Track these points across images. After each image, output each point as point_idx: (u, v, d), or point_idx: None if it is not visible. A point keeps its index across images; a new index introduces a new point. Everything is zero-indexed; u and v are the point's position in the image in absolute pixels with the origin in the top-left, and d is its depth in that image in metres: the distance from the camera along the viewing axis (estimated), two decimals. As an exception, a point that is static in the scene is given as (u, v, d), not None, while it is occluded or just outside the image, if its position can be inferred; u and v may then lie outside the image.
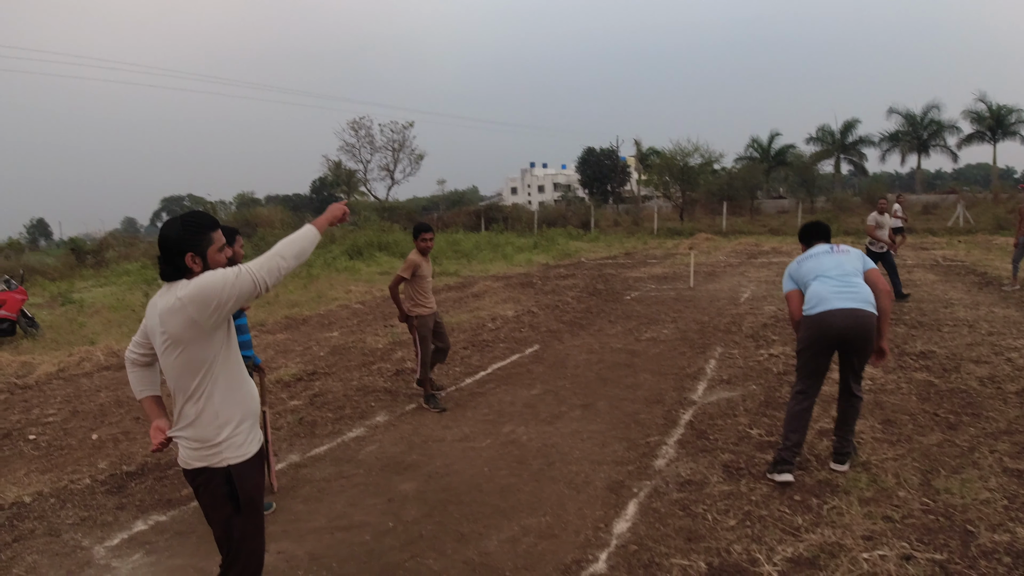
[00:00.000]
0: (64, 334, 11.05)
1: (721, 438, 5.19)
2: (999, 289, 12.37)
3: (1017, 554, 3.38)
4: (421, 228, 6.46)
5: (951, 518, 3.79)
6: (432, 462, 5.04)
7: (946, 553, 3.43)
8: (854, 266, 4.43)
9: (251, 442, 2.65)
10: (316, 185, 76.70)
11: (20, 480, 5.09)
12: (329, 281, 16.68)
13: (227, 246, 2.64)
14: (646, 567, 3.41)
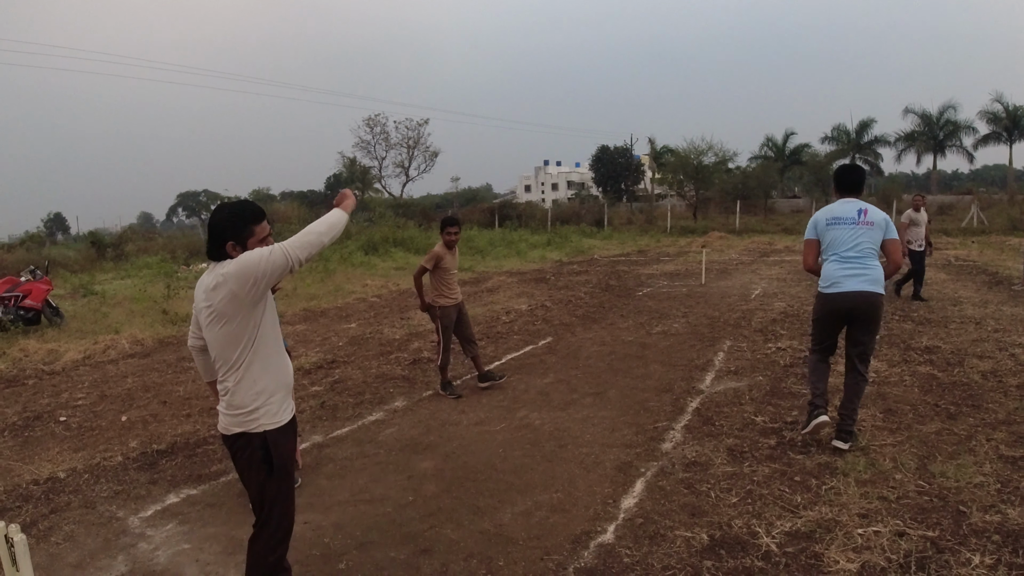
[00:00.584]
0: (88, 323, 11.36)
1: (727, 424, 5.40)
2: (1009, 288, 12.47)
3: (1007, 533, 3.56)
4: (447, 222, 6.67)
5: (945, 499, 3.98)
6: (449, 443, 5.28)
7: (938, 531, 3.61)
8: (872, 243, 4.71)
9: (285, 411, 2.88)
10: (331, 182, 77.20)
11: (54, 458, 5.36)
12: (346, 275, 16.97)
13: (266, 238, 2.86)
14: (651, 538, 3.64)
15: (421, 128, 51.20)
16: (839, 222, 4.80)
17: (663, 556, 3.44)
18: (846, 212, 4.81)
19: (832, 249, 4.79)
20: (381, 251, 22.57)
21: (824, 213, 4.93)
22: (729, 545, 3.53)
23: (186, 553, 3.74)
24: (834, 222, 4.82)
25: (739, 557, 3.41)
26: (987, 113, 44.13)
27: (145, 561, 3.67)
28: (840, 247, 4.75)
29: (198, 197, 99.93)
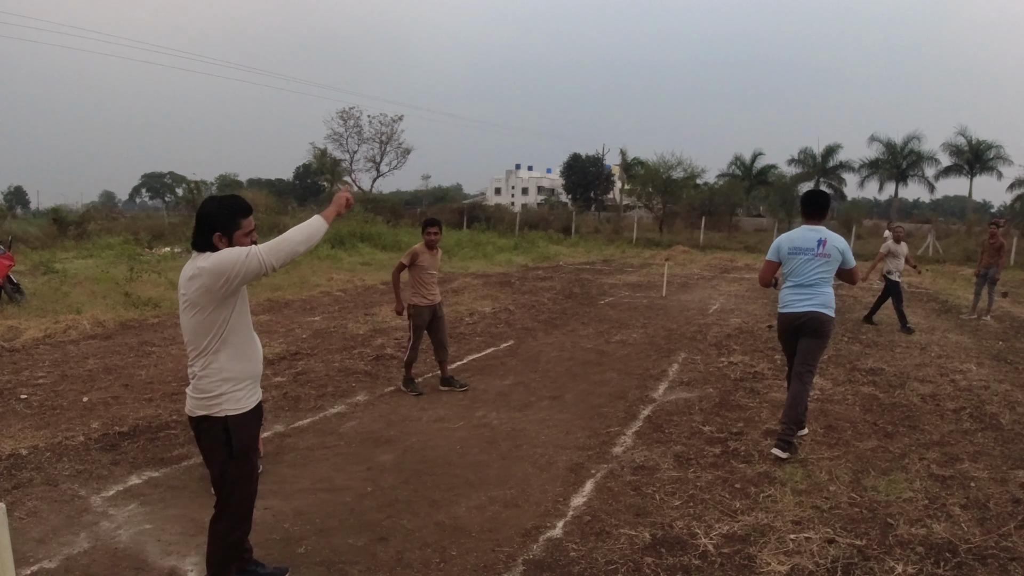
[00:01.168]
0: (49, 302, 11.23)
1: (675, 432, 5.64)
2: (957, 316, 12.99)
3: (931, 546, 3.83)
4: (428, 223, 6.79)
5: (874, 512, 4.25)
6: (409, 438, 5.45)
7: (865, 540, 3.88)
8: (827, 272, 5.19)
9: (250, 399, 3.05)
10: (300, 172, 76.71)
11: (15, 434, 5.38)
12: (311, 268, 16.96)
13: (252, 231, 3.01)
14: (597, 534, 3.85)
15: (395, 124, 51.05)
16: (799, 252, 5.22)
17: (607, 551, 3.66)
18: (807, 242, 5.21)
19: (791, 277, 5.29)
20: (348, 245, 22.56)
21: (787, 240, 5.33)
22: (669, 544, 3.75)
23: (148, 533, 3.84)
24: (795, 251, 5.25)
25: (678, 555, 3.63)
26: (950, 146, 45.55)
27: (107, 539, 3.77)
28: (798, 276, 5.23)
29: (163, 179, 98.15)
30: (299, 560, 3.56)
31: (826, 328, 5.22)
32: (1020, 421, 6.24)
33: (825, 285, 5.21)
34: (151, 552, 3.64)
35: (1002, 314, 13.55)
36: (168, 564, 3.51)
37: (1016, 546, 3.84)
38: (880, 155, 48.35)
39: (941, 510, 4.30)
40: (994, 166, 44.79)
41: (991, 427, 6.05)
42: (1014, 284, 20.60)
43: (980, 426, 6.08)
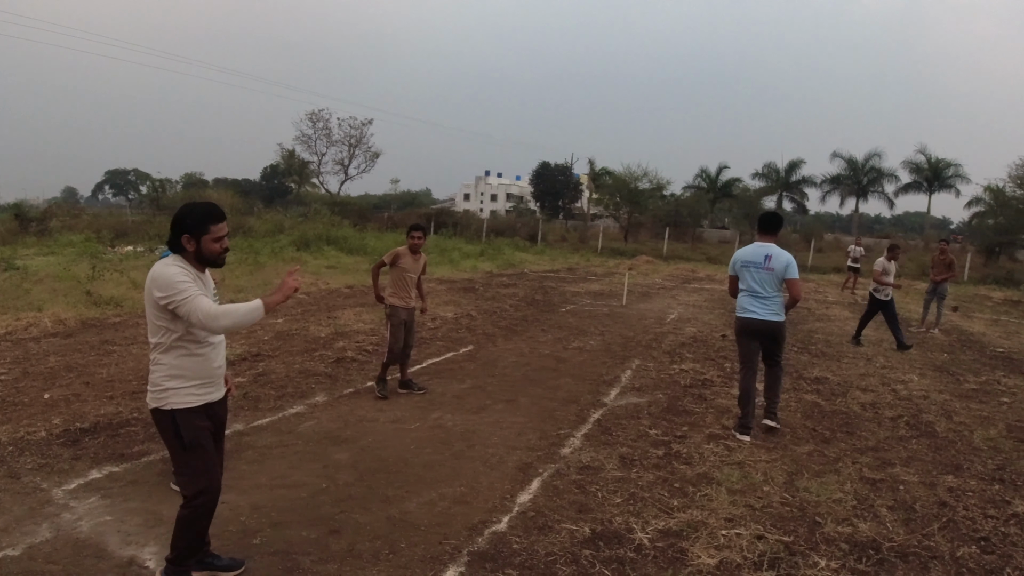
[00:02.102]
0: (10, 299, 11.14)
1: (622, 435, 5.89)
2: (906, 329, 13.45)
3: (855, 543, 4.10)
4: (413, 227, 6.99)
5: (804, 511, 4.52)
6: (365, 438, 5.62)
7: (793, 537, 4.14)
8: (774, 282, 6.02)
9: (199, 396, 3.22)
10: (267, 172, 76.08)
11: (-24, 429, 5.44)
12: (276, 270, 16.95)
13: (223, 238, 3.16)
14: (540, 529, 4.07)
15: (364, 127, 51.23)
16: (750, 265, 6.10)
17: (548, 544, 3.87)
18: (756, 256, 6.09)
19: (745, 287, 6.15)
20: (314, 248, 22.57)
21: (740, 255, 6.25)
22: (607, 538, 3.98)
23: (108, 524, 3.96)
24: (746, 264, 6.12)
25: (614, 548, 3.86)
26: (910, 163, 47.00)
27: (69, 529, 3.88)
28: (750, 286, 6.10)
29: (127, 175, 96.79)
30: (254, 551, 3.72)
31: (781, 332, 6.18)
32: (955, 429, 6.59)
33: (775, 292, 6.04)
34: (111, 542, 3.76)
35: (950, 327, 14.09)
36: (128, 553, 3.64)
37: (938, 545, 4.12)
38: (842, 171, 49.69)
39: (868, 510, 4.58)
40: (952, 184, 46.28)
41: (926, 434, 6.40)
42: (965, 299, 21.37)
43: (916, 433, 6.42)
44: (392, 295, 6.85)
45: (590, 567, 3.65)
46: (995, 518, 4.57)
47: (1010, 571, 3.85)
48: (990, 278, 29.46)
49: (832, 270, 31.28)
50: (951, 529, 4.38)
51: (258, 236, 24.82)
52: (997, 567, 3.89)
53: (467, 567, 3.61)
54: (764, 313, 5.99)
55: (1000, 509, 4.72)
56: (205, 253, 3.13)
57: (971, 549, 4.09)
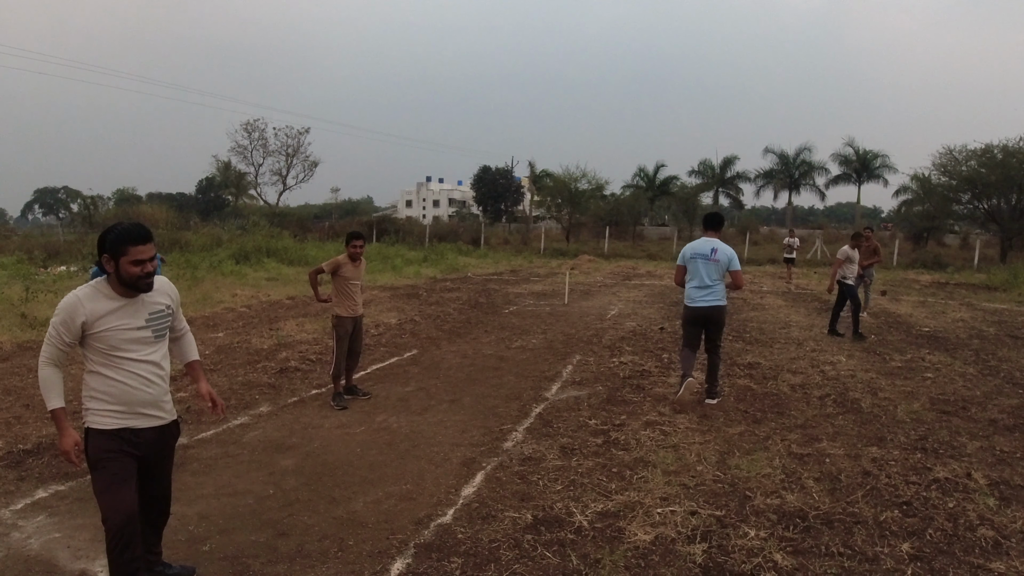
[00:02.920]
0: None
1: (563, 427, 6.09)
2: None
3: (783, 514, 4.35)
4: (354, 235, 7.00)
5: (735, 487, 4.77)
6: (310, 444, 5.68)
7: (724, 511, 4.37)
8: (719, 272, 6.84)
9: (116, 420, 3.11)
10: (203, 185, 74.44)
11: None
12: (215, 284, 16.73)
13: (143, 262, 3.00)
14: (483, 518, 4.22)
15: (301, 136, 50.70)
16: (698, 256, 6.88)
17: (491, 532, 4.03)
18: (703, 249, 6.88)
19: (692, 276, 6.93)
20: (253, 260, 22.29)
21: (689, 248, 7.03)
22: (548, 523, 4.15)
23: (57, 541, 3.96)
24: (695, 256, 6.90)
25: (555, 531, 4.04)
26: (839, 156, 48.76)
27: (19, 548, 3.87)
28: (697, 277, 6.88)
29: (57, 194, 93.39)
30: (204, 557, 3.77)
31: (723, 317, 7.04)
32: (880, 404, 6.98)
33: (719, 283, 6.86)
34: (61, 557, 3.77)
35: (879, 311, 14.72)
36: (78, 567, 3.66)
37: (862, 511, 4.40)
38: (774, 166, 51.25)
39: (796, 483, 4.86)
40: (880, 174, 48.10)
41: (852, 411, 6.76)
42: (894, 283, 22.29)
43: (842, 410, 6.78)
44: (337, 305, 6.89)
45: (532, 550, 3.81)
46: (917, 484, 4.88)
47: (932, 532, 4.12)
48: (918, 262, 30.78)
49: (768, 261, 32.23)
50: (874, 496, 4.67)
51: (195, 251, 24.38)
52: (919, 529, 4.17)
53: (414, 558, 3.73)
54: (710, 299, 6.84)
55: (921, 476, 5.04)
56: (124, 275, 3.01)
57: (894, 513, 4.38)
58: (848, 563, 3.72)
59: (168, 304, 3.27)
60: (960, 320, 13.71)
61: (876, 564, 3.72)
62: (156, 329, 3.18)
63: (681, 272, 7.13)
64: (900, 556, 3.81)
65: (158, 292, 3.20)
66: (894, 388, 7.68)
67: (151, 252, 3.05)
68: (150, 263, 3.04)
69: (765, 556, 3.75)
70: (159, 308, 3.21)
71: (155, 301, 3.19)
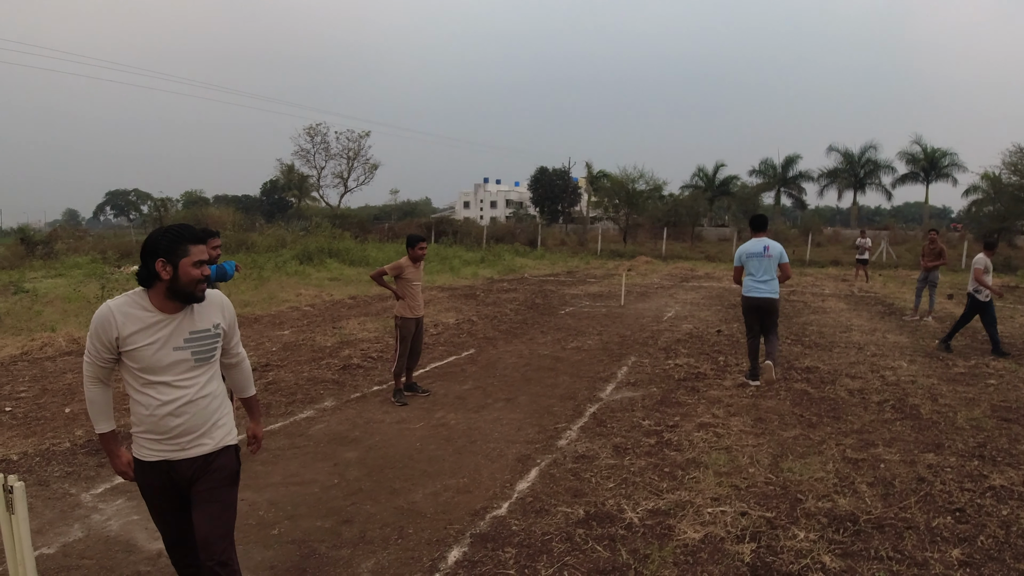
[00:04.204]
0: (22, 321, 11.49)
1: (617, 427, 6.19)
2: (900, 318, 13.72)
3: (834, 517, 4.39)
4: (417, 239, 7.20)
5: (786, 489, 4.81)
6: (372, 438, 5.93)
7: (775, 513, 4.43)
8: (772, 267, 7.82)
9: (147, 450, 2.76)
10: (267, 187, 76.53)
11: (4, 442, 5.75)
12: (280, 284, 17.32)
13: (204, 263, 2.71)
14: (537, 512, 4.37)
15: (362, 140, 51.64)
16: (752, 255, 7.88)
17: (544, 525, 4.18)
18: (756, 249, 7.88)
19: (749, 271, 7.92)
20: (316, 261, 22.92)
21: (745, 248, 8.01)
22: (600, 518, 4.28)
23: (136, 523, 4.27)
24: (750, 256, 7.90)
25: (606, 527, 4.16)
26: (906, 154, 47.24)
27: (99, 529, 4.20)
28: (754, 271, 7.87)
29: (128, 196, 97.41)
30: (273, 540, 4.03)
31: (777, 306, 7.95)
32: (939, 411, 6.85)
33: (772, 276, 7.82)
34: (140, 538, 4.07)
35: (944, 315, 14.30)
36: (156, 547, 3.94)
37: (914, 517, 4.40)
38: (838, 164, 50.00)
39: (848, 487, 4.86)
40: (949, 173, 46.44)
41: (910, 416, 6.66)
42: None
43: (900, 416, 6.69)
44: (402, 307, 7.10)
45: (583, 544, 3.95)
46: (971, 491, 4.83)
47: (983, 539, 4.10)
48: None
49: (830, 263, 31.54)
50: (927, 502, 4.65)
51: (261, 251, 25.21)
52: (971, 535, 4.15)
53: (470, 547, 3.92)
54: (765, 292, 7.82)
55: (977, 483, 4.98)
56: (183, 281, 2.63)
57: (946, 519, 4.36)
58: (897, 567, 3.74)
59: (218, 323, 2.83)
60: (1030, 326, 13.26)
61: (925, 569, 3.73)
62: (198, 351, 2.73)
63: (739, 272, 8.06)
64: (949, 562, 3.81)
65: (209, 308, 2.80)
66: (955, 394, 7.53)
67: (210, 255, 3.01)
68: (207, 266, 2.74)
69: (813, 558, 3.80)
70: (206, 328, 2.77)
71: (203, 318, 2.77)
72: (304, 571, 3.70)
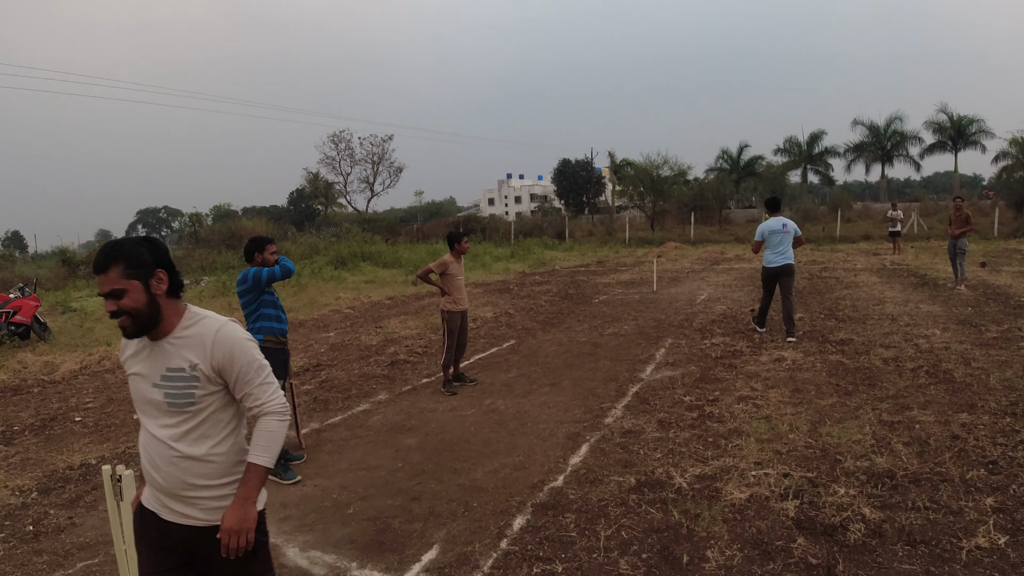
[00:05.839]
0: (76, 338, 12.05)
1: (659, 403, 6.48)
2: (932, 288, 13.75)
3: (872, 474, 4.62)
4: (459, 235, 7.62)
5: (826, 452, 5.06)
6: (428, 425, 6.28)
7: (816, 473, 4.68)
8: (788, 241, 9.32)
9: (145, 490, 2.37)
10: (294, 196, 77.65)
11: (81, 449, 6.18)
12: (318, 289, 17.78)
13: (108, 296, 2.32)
14: (591, 482, 4.68)
15: (385, 144, 52.16)
16: (774, 232, 9.32)
17: (599, 493, 4.49)
18: (776, 226, 9.34)
19: (770, 246, 9.37)
20: (350, 265, 23.39)
21: (767, 226, 9.43)
22: (651, 485, 4.58)
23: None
24: (772, 232, 9.33)
25: (657, 492, 4.46)
26: (932, 123, 46.39)
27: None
28: (775, 246, 9.34)
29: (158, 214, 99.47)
30: (350, 519, 4.38)
31: (793, 269, 9.45)
32: (973, 374, 7.02)
33: (789, 248, 9.32)
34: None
35: (976, 283, 14.31)
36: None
37: (949, 471, 4.62)
38: (864, 138, 49.27)
39: (885, 447, 5.09)
40: (977, 140, 45.53)
41: (944, 381, 6.85)
42: (994, 254, 21.40)
43: (934, 380, 6.88)
44: (448, 301, 7.43)
45: (637, 507, 4.25)
46: (1004, 445, 5.03)
47: (1015, 488, 4.32)
48: (1020, 231, 29.20)
49: (861, 238, 31.36)
50: (962, 457, 4.86)
51: (295, 259, 25.76)
52: (1003, 485, 4.37)
53: (532, 515, 4.24)
54: (784, 259, 9.31)
55: (1009, 438, 5.17)
56: None
57: (979, 472, 4.57)
58: (933, 516, 3.98)
59: (195, 363, 2.20)
60: (1066, 289, 13.23)
61: (960, 516, 3.97)
62: (172, 394, 2.19)
63: (759, 244, 9.58)
64: (983, 509, 4.03)
65: (189, 343, 2.22)
66: (988, 358, 7.67)
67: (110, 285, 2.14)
68: (110, 300, 2.16)
69: (854, 510, 4.05)
70: (180, 367, 2.20)
71: (178, 355, 2.22)
72: (382, 544, 4.04)
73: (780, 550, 3.68)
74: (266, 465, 2.27)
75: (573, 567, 3.62)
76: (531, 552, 3.80)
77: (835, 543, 3.73)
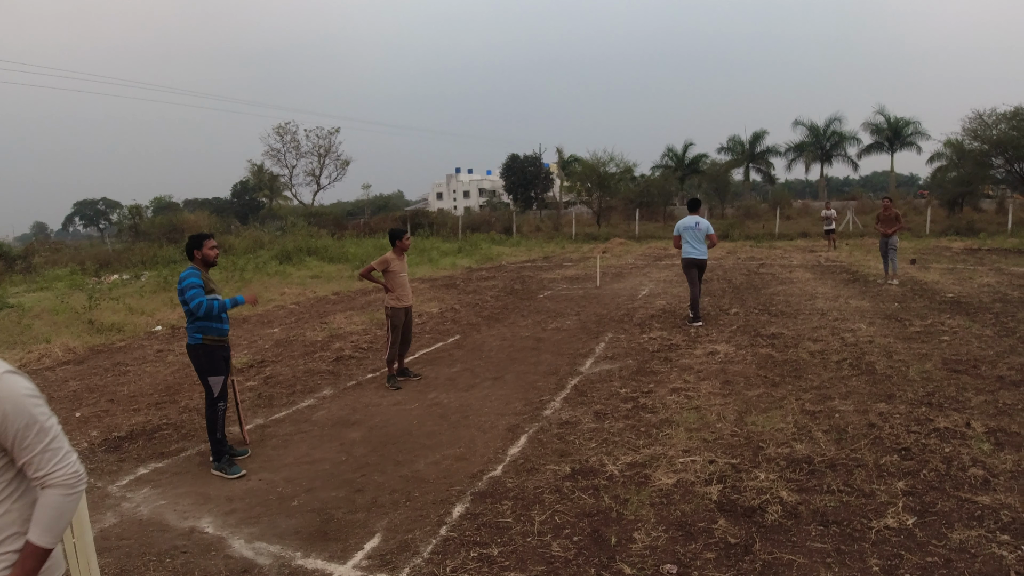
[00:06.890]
0: (13, 335, 11.73)
1: (597, 396, 6.74)
2: (863, 284, 14.37)
3: (791, 460, 4.93)
4: (400, 233, 7.78)
5: (750, 440, 5.36)
6: (373, 419, 6.41)
7: (739, 459, 4.98)
8: (701, 236, 10.44)
9: None
10: (237, 189, 76.13)
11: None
12: (262, 284, 17.61)
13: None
14: (528, 471, 4.90)
15: (332, 136, 51.47)
16: (687, 229, 10.45)
17: (535, 481, 4.71)
18: (690, 223, 10.47)
19: (687, 241, 10.47)
20: (295, 260, 23.18)
21: (681, 225, 10.58)
22: (584, 472, 4.82)
23: (164, 506, 4.72)
24: (685, 229, 10.48)
25: (590, 479, 4.70)
26: (870, 125, 48.12)
27: (130, 514, 4.63)
28: (690, 239, 10.44)
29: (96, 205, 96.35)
30: (295, 510, 4.50)
31: (705, 264, 10.57)
32: (893, 366, 7.44)
33: (702, 243, 10.47)
34: (170, 518, 4.52)
35: (906, 278, 14.99)
36: (187, 524, 4.41)
37: (863, 457, 4.95)
38: (805, 138, 50.78)
39: (806, 435, 5.42)
40: (913, 141, 47.35)
41: (866, 372, 7.25)
42: (925, 251, 22.38)
43: (856, 372, 7.28)
44: (391, 298, 7.58)
45: (571, 494, 4.48)
46: (917, 433, 5.39)
47: (926, 473, 4.66)
48: (951, 230, 30.55)
49: (799, 236, 32.36)
50: (877, 444, 5.21)
51: (239, 253, 25.43)
52: (915, 470, 4.71)
53: (471, 503, 4.43)
54: (698, 254, 10.44)
55: (923, 426, 5.54)
56: None
57: (893, 457, 4.92)
58: (846, 498, 4.30)
59: None
60: (986, 285, 13.93)
61: (872, 499, 4.29)
62: None
63: (678, 240, 10.70)
64: (894, 492, 4.37)
65: None
66: (909, 351, 8.12)
67: None
68: None
69: (772, 494, 4.35)
70: None
71: None
72: (326, 534, 4.18)
73: (702, 531, 3.95)
74: (45, 546, 1.91)
75: (508, 551, 3.82)
76: (469, 538, 3.99)
77: (754, 524, 4.01)
